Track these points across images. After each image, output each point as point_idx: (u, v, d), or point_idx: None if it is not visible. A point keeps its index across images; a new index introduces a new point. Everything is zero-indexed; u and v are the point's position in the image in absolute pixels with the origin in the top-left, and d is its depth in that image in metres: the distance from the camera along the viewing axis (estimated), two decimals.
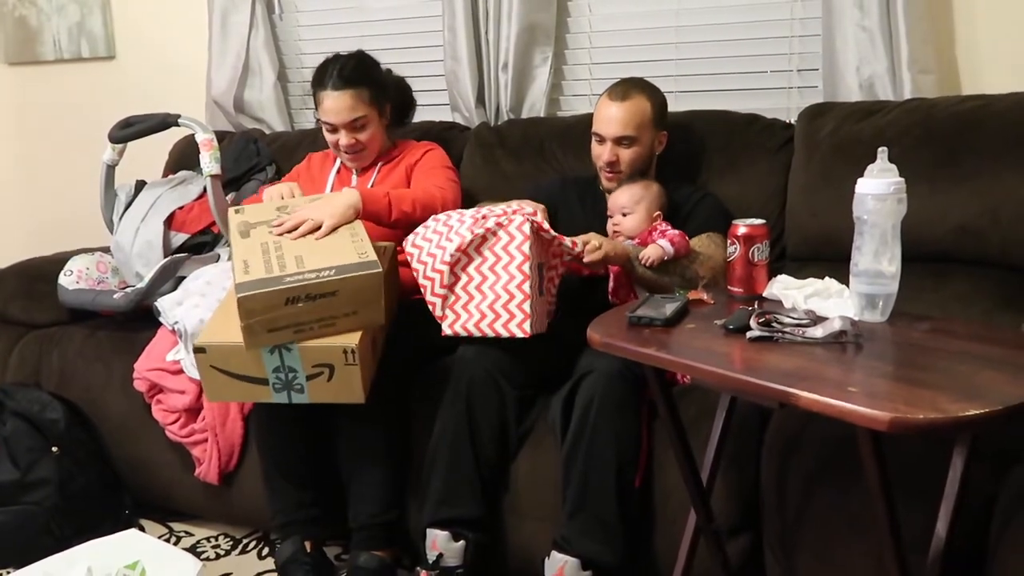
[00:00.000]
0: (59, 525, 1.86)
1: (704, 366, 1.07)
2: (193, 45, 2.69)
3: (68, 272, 2.15)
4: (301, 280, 1.42)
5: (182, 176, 2.36)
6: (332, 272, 1.44)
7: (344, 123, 1.90)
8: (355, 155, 1.95)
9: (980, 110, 1.74)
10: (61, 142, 3.05)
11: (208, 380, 1.52)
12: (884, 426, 0.89)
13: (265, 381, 1.49)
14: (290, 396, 1.51)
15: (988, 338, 1.10)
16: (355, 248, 1.52)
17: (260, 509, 1.82)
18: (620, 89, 1.82)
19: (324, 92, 1.89)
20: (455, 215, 1.62)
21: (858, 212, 1.18)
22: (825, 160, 1.83)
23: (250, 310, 1.41)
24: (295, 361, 1.47)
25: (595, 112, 1.85)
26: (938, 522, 1.13)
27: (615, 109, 1.79)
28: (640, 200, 1.72)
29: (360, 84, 1.89)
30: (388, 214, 1.73)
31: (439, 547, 1.55)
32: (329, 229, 1.59)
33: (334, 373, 1.47)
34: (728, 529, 1.45)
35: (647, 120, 1.80)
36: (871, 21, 1.89)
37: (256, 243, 1.55)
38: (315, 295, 1.42)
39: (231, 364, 1.49)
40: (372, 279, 1.45)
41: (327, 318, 1.45)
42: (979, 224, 1.69)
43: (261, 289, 1.41)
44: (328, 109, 1.90)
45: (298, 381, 1.48)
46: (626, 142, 1.78)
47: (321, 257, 1.48)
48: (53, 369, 2.11)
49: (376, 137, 1.95)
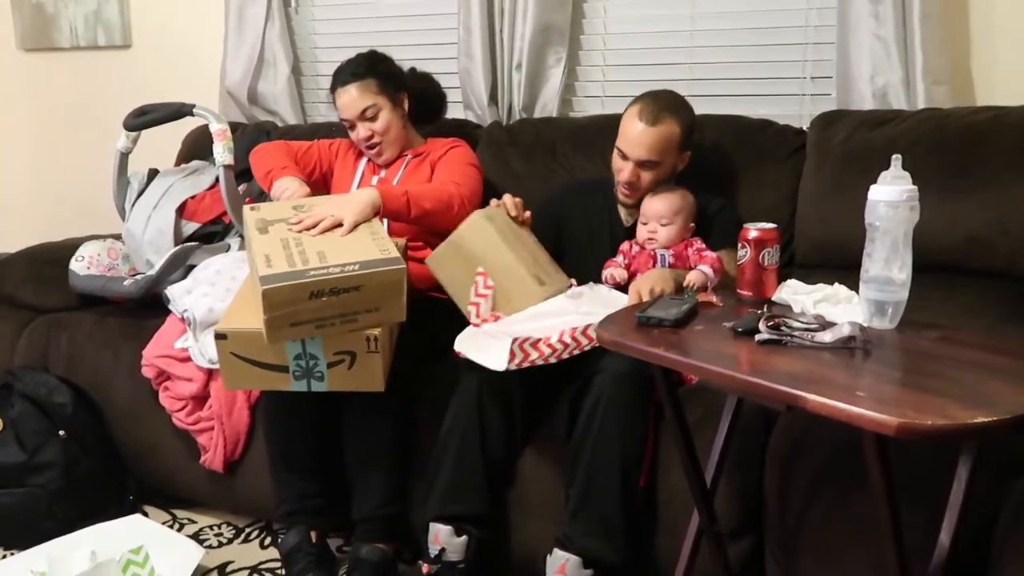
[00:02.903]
0: (63, 508, 1.88)
1: (713, 367, 1.08)
2: (208, 36, 2.70)
3: (79, 258, 2.17)
4: (326, 274, 1.42)
5: (195, 166, 2.38)
6: (356, 267, 1.44)
7: (355, 115, 1.94)
8: (375, 148, 1.97)
9: (993, 121, 1.74)
10: (75, 129, 3.06)
11: (227, 367, 1.52)
12: (892, 431, 0.89)
13: (285, 369, 1.49)
14: (309, 384, 1.51)
15: (997, 348, 1.10)
16: (376, 244, 1.53)
17: (264, 499, 1.83)
18: (652, 110, 1.71)
19: (337, 91, 1.96)
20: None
21: (870, 219, 1.18)
22: (836, 168, 1.84)
23: (274, 303, 1.40)
24: (317, 348, 1.47)
25: (622, 125, 1.75)
26: (942, 530, 1.14)
27: (643, 132, 1.70)
28: (679, 212, 1.69)
29: (366, 76, 1.94)
30: (408, 211, 1.74)
31: (442, 541, 1.56)
32: (351, 226, 1.60)
33: (355, 361, 1.48)
34: (730, 531, 1.45)
35: (674, 145, 1.74)
36: (886, 31, 1.89)
37: (276, 239, 1.54)
38: (340, 289, 1.42)
39: (252, 351, 1.49)
40: (395, 275, 1.46)
41: (349, 314, 1.45)
42: (988, 235, 1.69)
43: (286, 282, 1.40)
44: (341, 106, 1.96)
45: (319, 369, 1.49)
46: (649, 165, 1.74)
47: (343, 253, 1.48)
48: (61, 353, 2.12)
49: (392, 126, 1.97)
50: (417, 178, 1.97)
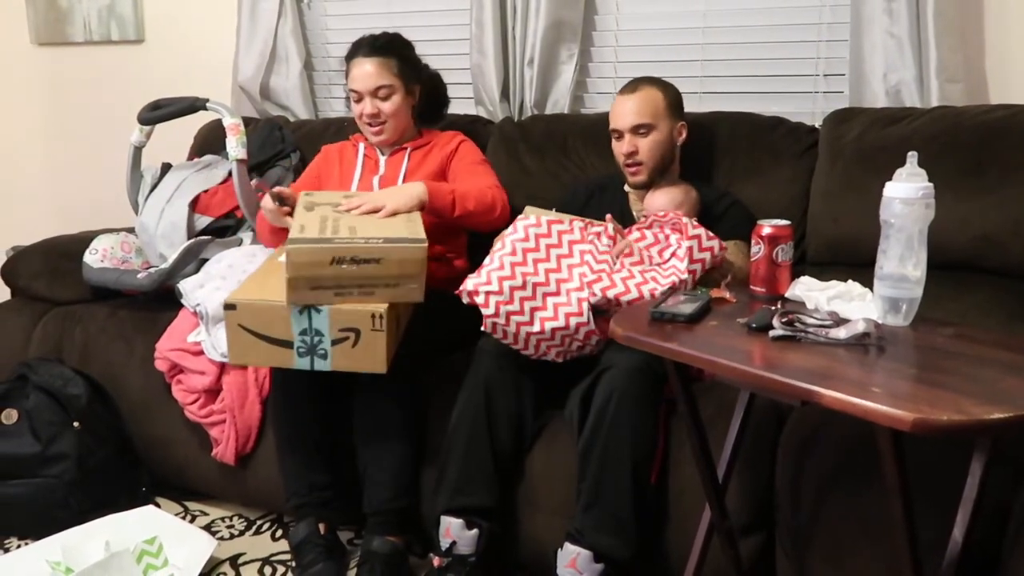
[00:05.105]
0: (77, 499, 1.89)
1: (728, 362, 1.08)
2: (221, 31, 2.71)
3: (93, 251, 2.18)
4: (349, 243, 1.49)
5: (207, 160, 2.39)
6: (380, 241, 1.51)
7: (369, 89, 1.93)
8: (377, 127, 1.97)
9: (1007, 120, 1.74)
10: (88, 123, 3.08)
11: (234, 339, 1.56)
12: (907, 426, 0.89)
13: (290, 344, 1.53)
14: (313, 362, 1.54)
15: (1012, 345, 1.10)
16: (407, 227, 1.60)
17: (275, 491, 1.84)
18: (630, 84, 1.85)
19: (354, 60, 1.95)
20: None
21: (885, 215, 1.18)
22: (849, 166, 1.84)
23: (296, 263, 1.47)
24: (323, 324, 1.50)
25: (610, 113, 1.85)
26: (955, 527, 1.14)
27: (625, 100, 1.82)
28: (680, 205, 1.71)
29: (389, 54, 1.94)
30: (452, 210, 1.77)
31: (453, 534, 1.57)
32: (390, 212, 1.66)
33: (359, 339, 1.51)
34: (741, 528, 1.45)
35: (661, 108, 1.81)
36: (900, 28, 1.89)
37: (317, 215, 1.63)
38: (360, 259, 1.48)
39: (259, 323, 1.53)
40: (416, 252, 1.50)
41: (368, 285, 1.50)
42: (1001, 234, 1.69)
43: (310, 245, 1.48)
44: (355, 76, 1.94)
45: (323, 346, 1.52)
46: (643, 130, 1.79)
47: (373, 229, 1.56)
48: (75, 345, 2.14)
49: (400, 112, 1.97)
50: (424, 171, 1.97)
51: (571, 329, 1.50)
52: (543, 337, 1.52)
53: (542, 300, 1.51)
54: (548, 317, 1.51)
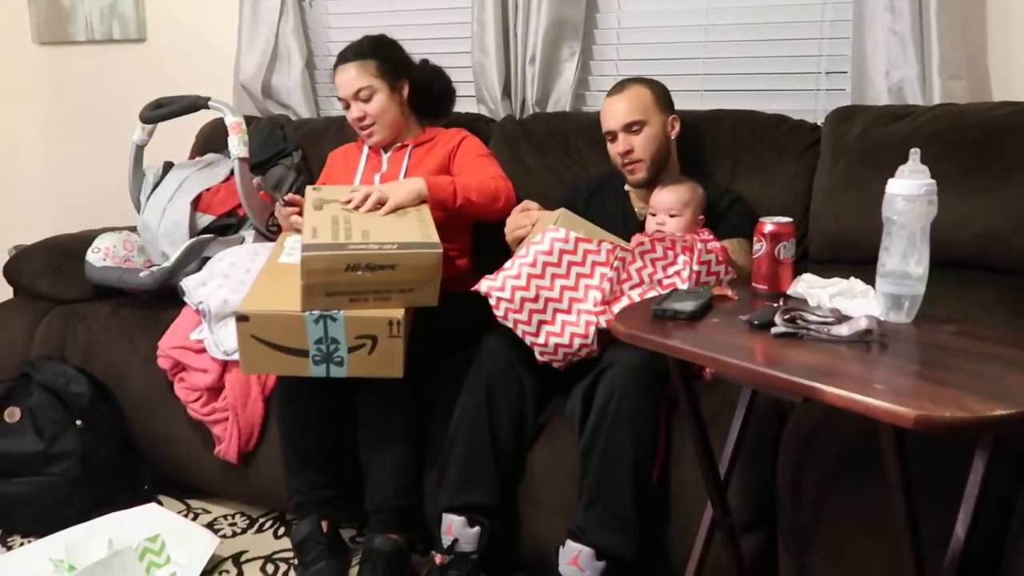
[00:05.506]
0: (80, 497, 1.89)
1: (730, 360, 1.08)
2: (223, 30, 2.71)
3: (95, 249, 2.19)
4: (364, 249, 1.48)
5: (209, 159, 2.39)
6: (395, 246, 1.50)
7: (351, 94, 1.96)
8: (367, 129, 1.99)
9: (1010, 117, 1.73)
10: (90, 122, 3.08)
11: (246, 350, 1.53)
12: (910, 423, 0.89)
13: (305, 353, 1.51)
14: (328, 369, 1.53)
15: (1014, 342, 1.10)
16: (420, 230, 1.58)
17: (277, 489, 1.84)
18: (616, 86, 1.86)
19: (337, 69, 1.99)
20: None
21: (887, 212, 1.18)
22: (851, 163, 1.83)
23: (311, 270, 1.46)
24: (339, 332, 1.49)
25: (601, 117, 1.85)
26: (957, 524, 1.14)
27: (615, 102, 1.82)
28: (688, 203, 1.71)
29: (366, 57, 1.96)
30: (453, 200, 1.78)
31: (454, 532, 1.57)
32: (393, 207, 1.66)
33: (376, 345, 1.50)
34: (743, 525, 1.45)
35: (650, 103, 1.81)
36: (902, 25, 1.88)
37: (327, 215, 1.61)
38: (376, 265, 1.47)
39: (273, 334, 1.52)
40: (431, 258, 1.50)
41: (383, 291, 1.50)
42: (1004, 231, 1.69)
43: (325, 252, 1.47)
44: (338, 84, 1.98)
45: (339, 353, 1.51)
46: (636, 127, 1.80)
47: (386, 233, 1.55)
48: (78, 344, 2.14)
49: (387, 111, 1.98)
50: (425, 167, 1.97)
51: (573, 348, 1.54)
52: (545, 350, 1.54)
53: (552, 315, 1.54)
54: (555, 333, 1.53)
